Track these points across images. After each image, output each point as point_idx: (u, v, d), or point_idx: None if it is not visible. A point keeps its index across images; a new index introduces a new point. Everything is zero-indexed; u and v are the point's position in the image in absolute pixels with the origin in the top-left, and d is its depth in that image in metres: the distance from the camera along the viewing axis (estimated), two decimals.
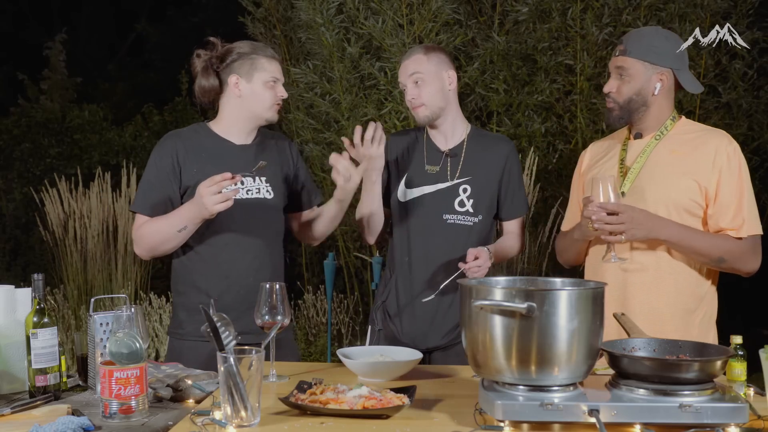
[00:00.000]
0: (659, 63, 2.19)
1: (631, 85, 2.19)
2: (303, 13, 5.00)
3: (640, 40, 2.21)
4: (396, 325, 2.56)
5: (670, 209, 2.14)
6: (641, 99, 2.19)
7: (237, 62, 2.35)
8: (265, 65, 2.36)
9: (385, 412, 1.58)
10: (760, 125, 5.11)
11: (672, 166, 2.17)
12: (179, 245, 2.31)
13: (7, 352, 1.95)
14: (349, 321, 5.62)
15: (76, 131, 8.12)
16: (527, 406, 1.46)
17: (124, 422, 1.62)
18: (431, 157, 2.58)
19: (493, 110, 5.05)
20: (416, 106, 2.51)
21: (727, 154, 2.15)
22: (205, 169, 2.26)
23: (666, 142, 2.22)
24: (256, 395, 1.53)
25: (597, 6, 4.71)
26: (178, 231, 2.22)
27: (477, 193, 2.53)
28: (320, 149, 5.36)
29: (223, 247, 2.34)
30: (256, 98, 2.36)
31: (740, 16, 4.80)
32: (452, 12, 4.80)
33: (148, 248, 2.31)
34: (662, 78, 2.19)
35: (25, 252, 7.84)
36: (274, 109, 2.39)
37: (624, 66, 2.19)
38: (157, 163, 2.34)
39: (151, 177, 2.34)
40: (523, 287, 1.75)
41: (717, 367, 1.51)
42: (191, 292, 2.35)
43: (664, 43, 2.21)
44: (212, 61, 2.36)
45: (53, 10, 13.03)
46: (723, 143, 2.18)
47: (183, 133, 2.42)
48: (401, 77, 2.55)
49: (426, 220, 2.52)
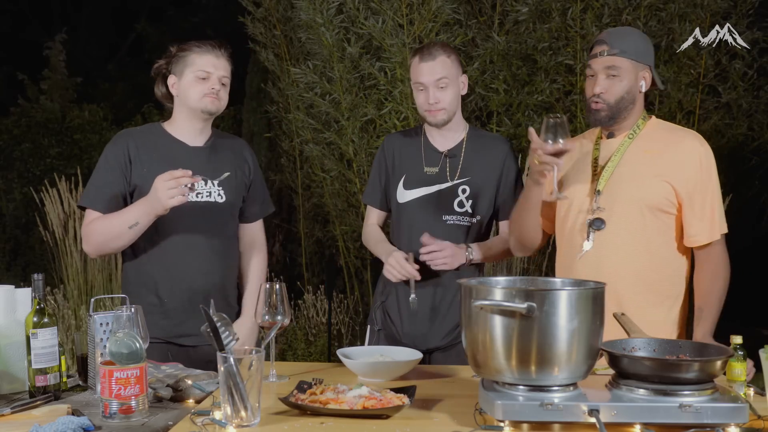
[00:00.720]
0: (643, 61, 2.21)
1: (623, 83, 2.19)
2: (303, 13, 4.99)
3: (625, 38, 2.21)
4: (396, 325, 2.56)
5: (643, 209, 2.15)
6: (630, 97, 2.20)
7: (174, 63, 2.39)
8: (195, 60, 2.35)
9: (385, 412, 1.58)
10: (760, 125, 5.11)
11: (645, 165, 2.18)
12: (128, 243, 2.28)
13: (7, 352, 1.95)
14: (349, 321, 5.62)
15: (76, 131, 8.12)
16: (527, 406, 1.46)
17: (124, 422, 1.62)
18: (430, 158, 2.57)
19: (493, 110, 5.04)
20: (437, 110, 2.48)
21: (700, 157, 2.17)
22: (155, 168, 2.24)
23: (638, 141, 2.22)
24: (256, 395, 1.53)
25: (597, 6, 4.70)
26: (129, 227, 2.20)
27: (476, 194, 2.52)
28: (320, 149, 5.36)
29: (172, 249, 2.33)
30: (187, 92, 2.35)
31: (740, 16, 4.80)
32: (452, 12, 4.80)
33: (96, 245, 2.29)
34: (645, 76, 2.22)
35: (25, 252, 7.84)
36: (206, 99, 2.33)
37: (615, 65, 2.18)
38: (109, 160, 2.33)
39: (102, 173, 2.33)
40: (523, 287, 1.75)
41: (717, 367, 1.51)
42: (142, 292, 2.33)
43: (644, 41, 2.25)
44: (161, 68, 2.43)
45: (53, 10, 13.03)
46: (695, 145, 2.19)
47: (136, 132, 2.43)
48: (422, 77, 2.47)
49: (425, 221, 2.52)
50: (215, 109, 2.36)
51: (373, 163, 2.71)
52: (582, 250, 2.18)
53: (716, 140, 5.09)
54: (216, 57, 2.36)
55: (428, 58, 2.47)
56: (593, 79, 2.22)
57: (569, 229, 2.25)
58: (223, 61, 2.38)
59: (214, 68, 2.35)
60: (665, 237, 2.17)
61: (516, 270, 4.69)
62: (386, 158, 2.63)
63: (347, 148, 5.18)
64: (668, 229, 2.18)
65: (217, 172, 2.30)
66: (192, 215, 2.32)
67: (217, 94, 2.34)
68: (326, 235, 6.21)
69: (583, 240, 2.19)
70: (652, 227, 2.15)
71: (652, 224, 2.15)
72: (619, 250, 2.15)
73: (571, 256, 2.21)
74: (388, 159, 2.63)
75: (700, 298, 2.17)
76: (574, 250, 2.21)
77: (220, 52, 2.38)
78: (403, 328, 2.54)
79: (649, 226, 2.15)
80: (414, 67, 2.51)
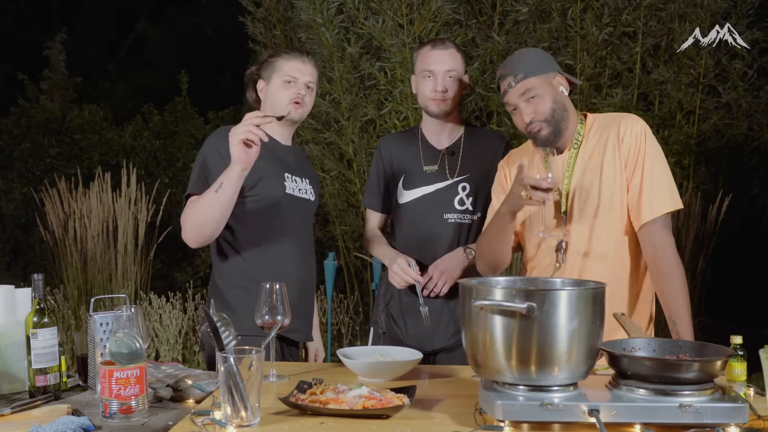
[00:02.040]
0: (548, 71, 2.19)
1: (545, 98, 2.16)
2: (303, 13, 5.00)
3: (522, 62, 2.19)
4: (401, 327, 2.56)
5: (612, 214, 2.13)
6: (560, 105, 2.18)
7: (263, 69, 2.45)
8: (282, 65, 2.40)
9: (385, 412, 1.58)
10: (760, 125, 5.11)
11: (595, 172, 2.16)
12: (222, 219, 2.20)
13: (7, 352, 1.95)
14: (349, 321, 5.61)
15: (76, 131, 8.12)
16: (527, 406, 1.46)
17: (124, 422, 1.62)
18: (428, 157, 2.57)
19: (493, 110, 5.05)
20: (442, 99, 2.49)
21: (635, 133, 2.13)
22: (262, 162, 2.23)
23: (582, 149, 2.20)
24: (256, 395, 1.53)
25: (597, 6, 4.71)
26: (215, 191, 2.14)
27: (475, 191, 2.53)
28: (320, 149, 5.36)
29: (273, 244, 2.34)
30: (274, 97, 2.40)
31: (740, 16, 4.80)
32: (452, 12, 4.80)
33: (192, 226, 2.21)
34: (559, 81, 2.20)
35: (25, 252, 7.84)
36: (292, 106, 2.38)
37: (528, 87, 2.15)
38: (214, 156, 2.29)
39: (209, 165, 2.29)
40: (523, 287, 1.75)
41: (717, 367, 1.51)
42: (243, 288, 2.30)
43: (537, 54, 2.25)
44: (252, 74, 2.48)
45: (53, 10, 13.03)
46: (628, 123, 2.15)
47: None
48: (433, 65, 2.48)
49: (427, 221, 2.52)
50: (298, 117, 2.42)
51: (371, 166, 2.71)
52: (552, 272, 2.16)
53: (716, 140, 5.10)
54: (302, 62, 2.41)
55: (441, 47, 2.50)
56: (517, 112, 2.19)
57: (539, 251, 2.23)
58: (310, 67, 2.43)
59: (300, 73, 2.39)
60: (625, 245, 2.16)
61: (516, 270, 4.69)
62: (383, 160, 2.63)
63: (347, 148, 5.18)
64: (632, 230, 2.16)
65: (304, 172, 2.45)
66: (290, 209, 2.37)
67: (302, 99, 2.39)
68: (326, 235, 6.21)
69: (553, 262, 2.18)
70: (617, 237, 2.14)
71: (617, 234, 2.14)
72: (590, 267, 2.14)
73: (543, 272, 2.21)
74: (386, 161, 2.63)
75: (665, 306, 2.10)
76: (544, 265, 2.21)
77: (307, 58, 2.44)
78: (408, 330, 2.54)
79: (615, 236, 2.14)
80: (424, 54, 2.51)
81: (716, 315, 5.01)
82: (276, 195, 2.35)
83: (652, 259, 2.11)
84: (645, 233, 2.12)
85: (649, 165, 2.12)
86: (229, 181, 2.13)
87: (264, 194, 2.33)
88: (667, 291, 2.08)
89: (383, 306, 2.63)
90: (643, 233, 2.12)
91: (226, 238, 2.33)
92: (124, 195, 5.67)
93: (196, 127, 8.28)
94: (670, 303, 2.07)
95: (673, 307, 2.06)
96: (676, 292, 2.07)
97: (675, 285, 2.07)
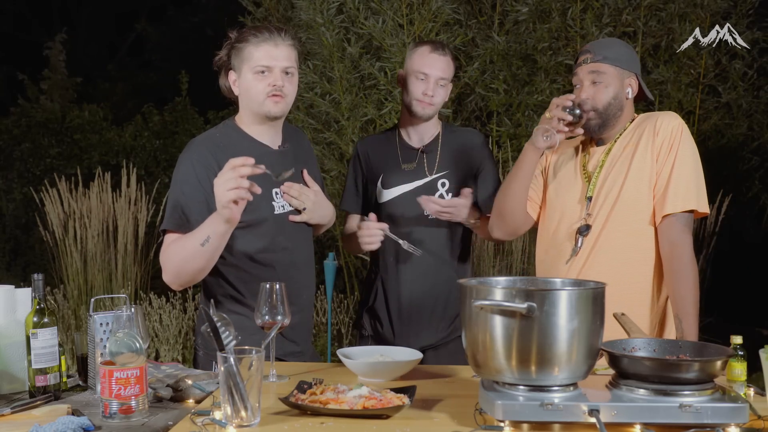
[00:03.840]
0: (628, 68, 2.22)
1: (608, 90, 2.19)
2: (303, 13, 5.00)
3: (608, 47, 2.22)
4: (386, 328, 2.56)
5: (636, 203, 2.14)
6: (618, 103, 2.20)
7: (233, 56, 2.13)
8: (251, 53, 2.08)
9: (385, 412, 1.58)
10: (760, 125, 5.11)
11: (624, 163, 2.18)
12: (206, 267, 2.01)
13: (7, 352, 1.95)
14: (349, 321, 5.61)
15: (76, 131, 8.12)
16: (527, 406, 1.46)
17: (124, 422, 1.62)
18: (406, 156, 2.58)
19: (493, 110, 5.05)
20: (429, 103, 2.50)
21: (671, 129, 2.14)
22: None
23: (620, 142, 2.23)
24: (256, 395, 1.53)
25: (597, 6, 4.71)
26: (201, 244, 1.93)
27: (455, 187, 2.53)
28: (320, 149, 5.36)
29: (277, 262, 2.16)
30: (249, 93, 2.11)
31: (740, 16, 4.81)
32: (452, 12, 4.80)
33: (173, 270, 2.02)
34: (631, 83, 2.23)
35: (25, 252, 7.84)
36: (269, 102, 2.10)
37: (599, 71, 2.18)
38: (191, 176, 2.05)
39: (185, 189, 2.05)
40: (523, 287, 1.75)
41: (717, 367, 1.51)
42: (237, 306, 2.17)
43: (627, 50, 2.27)
44: (223, 59, 2.18)
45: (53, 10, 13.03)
46: (666, 119, 2.17)
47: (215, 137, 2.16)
48: (429, 68, 2.47)
49: (407, 219, 2.52)
50: (280, 112, 2.12)
51: (348, 169, 2.71)
52: (570, 256, 2.18)
53: (716, 140, 5.10)
54: (275, 45, 2.06)
55: (440, 53, 2.50)
56: (579, 88, 2.23)
57: (558, 235, 2.25)
58: (285, 48, 2.08)
59: (273, 60, 2.06)
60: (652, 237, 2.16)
61: (516, 270, 4.69)
62: (361, 162, 2.64)
63: (347, 148, 5.18)
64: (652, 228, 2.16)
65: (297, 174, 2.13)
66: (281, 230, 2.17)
67: (281, 90, 2.08)
68: (326, 235, 6.21)
69: (571, 246, 2.19)
70: (639, 228, 2.15)
71: (639, 226, 2.15)
72: (607, 255, 2.15)
73: (558, 261, 2.22)
74: (363, 162, 2.63)
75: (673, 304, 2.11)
76: (561, 255, 2.22)
77: (280, 38, 2.07)
78: (394, 329, 2.54)
79: (636, 228, 2.15)
80: (421, 55, 2.50)
81: (716, 315, 5.01)
82: (264, 216, 2.15)
83: (668, 256, 2.12)
84: (664, 227, 2.13)
85: (681, 160, 2.13)
86: (216, 235, 1.93)
87: (251, 219, 2.10)
88: (677, 289, 2.09)
89: (366, 308, 2.63)
90: (663, 227, 2.13)
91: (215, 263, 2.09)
92: (124, 195, 5.67)
93: (196, 127, 8.28)
94: (679, 301, 2.08)
95: (681, 306, 2.07)
96: (686, 291, 2.08)
97: (686, 284, 2.08)
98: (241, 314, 2.14)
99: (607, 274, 2.09)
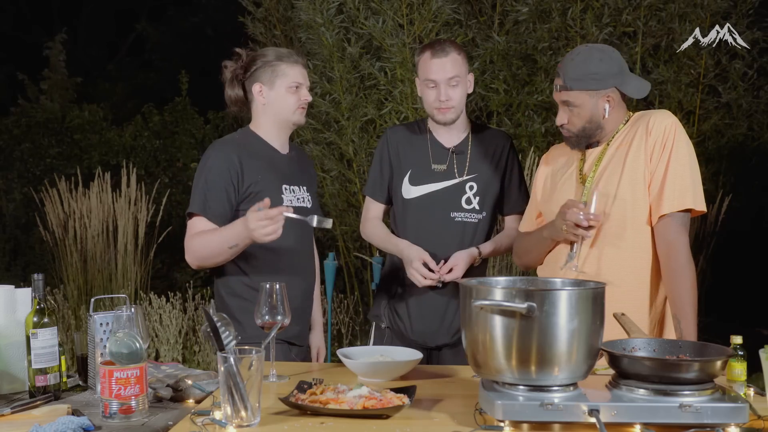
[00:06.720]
0: (602, 87, 2.15)
1: (581, 115, 2.17)
2: (303, 13, 4.99)
3: (577, 69, 2.15)
4: (405, 322, 2.56)
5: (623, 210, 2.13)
6: (594, 125, 2.18)
7: (260, 70, 2.42)
8: (287, 71, 2.41)
9: (385, 412, 1.58)
10: (760, 125, 5.11)
11: (618, 163, 2.16)
12: (227, 261, 2.32)
13: (7, 352, 1.95)
14: (349, 321, 5.61)
15: (76, 131, 8.11)
16: (527, 406, 1.46)
17: (124, 422, 1.63)
18: (437, 155, 2.57)
19: (493, 110, 5.04)
20: (447, 108, 2.48)
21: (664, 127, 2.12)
22: (265, 176, 2.37)
23: (614, 143, 2.21)
24: (256, 395, 1.53)
25: (597, 6, 4.70)
26: (229, 248, 2.24)
27: (483, 190, 2.53)
28: (320, 149, 5.36)
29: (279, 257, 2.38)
30: (281, 104, 2.42)
31: (740, 16, 4.80)
32: (452, 12, 4.80)
33: (199, 259, 2.32)
34: (609, 99, 2.16)
35: (25, 252, 7.83)
36: (299, 112, 2.44)
37: (569, 100, 2.16)
38: (217, 169, 2.34)
39: (213, 181, 2.34)
40: (523, 287, 1.75)
41: (717, 367, 1.51)
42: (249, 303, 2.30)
43: (600, 65, 2.14)
44: (237, 71, 2.45)
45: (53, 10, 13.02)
46: (660, 118, 2.14)
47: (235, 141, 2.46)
48: (434, 74, 2.46)
49: (433, 218, 2.52)
50: (303, 120, 2.48)
51: (375, 154, 2.68)
52: (566, 261, 2.16)
53: (716, 140, 5.10)
54: (304, 67, 2.46)
55: (440, 55, 2.46)
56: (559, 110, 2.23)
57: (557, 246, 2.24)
58: (306, 71, 2.48)
59: (304, 78, 2.45)
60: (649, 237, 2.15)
61: (516, 270, 4.69)
62: (390, 151, 2.62)
63: (347, 148, 5.18)
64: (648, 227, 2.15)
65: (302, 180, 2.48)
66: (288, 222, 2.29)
67: (305, 104, 2.46)
68: (326, 235, 6.21)
69: (567, 250, 2.18)
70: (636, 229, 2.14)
71: (636, 226, 2.14)
72: (604, 257, 2.15)
73: (556, 264, 2.21)
74: (392, 152, 2.62)
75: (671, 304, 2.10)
76: (557, 258, 2.22)
77: (303, 61, 2.49)
78: (413, 325, 2.55)
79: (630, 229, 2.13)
80: (424, 63, 2.49)
81: (716, 315, 5.00)
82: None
83: (665, 256, 2.11)
84: (661, 227, 2.11)
85: (675, 159, 2.10)
86: (243, 245, 2.23)
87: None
88: (675, 289, 2.08)
89: (387, 301, 2.62)
90: (659, 227, 2.12)
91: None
92: (124, 195, 5.68)
93: (196, 127, 8.27)
94: (677, 301, 2.07)
95: (680, 306, 2.06)
96: (684, 291, 2.07)
97: (684, 284, 2.07)
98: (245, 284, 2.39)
99: (605, 276, 2.10)
